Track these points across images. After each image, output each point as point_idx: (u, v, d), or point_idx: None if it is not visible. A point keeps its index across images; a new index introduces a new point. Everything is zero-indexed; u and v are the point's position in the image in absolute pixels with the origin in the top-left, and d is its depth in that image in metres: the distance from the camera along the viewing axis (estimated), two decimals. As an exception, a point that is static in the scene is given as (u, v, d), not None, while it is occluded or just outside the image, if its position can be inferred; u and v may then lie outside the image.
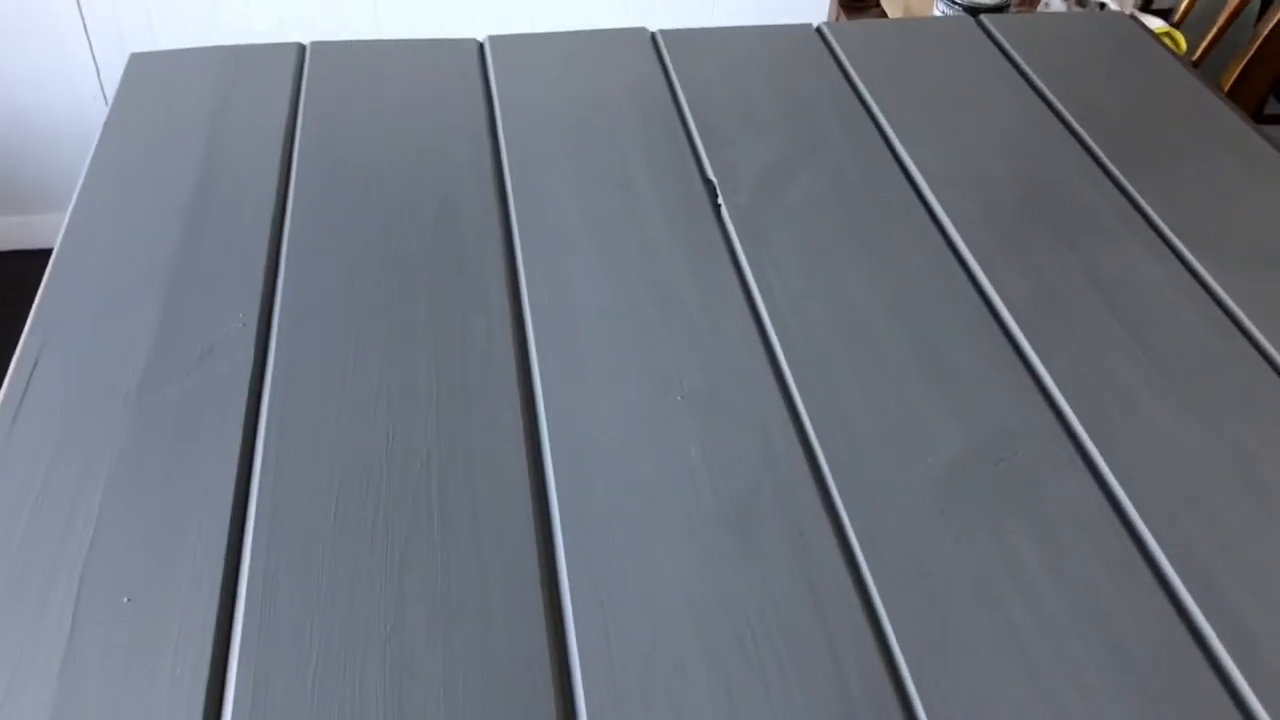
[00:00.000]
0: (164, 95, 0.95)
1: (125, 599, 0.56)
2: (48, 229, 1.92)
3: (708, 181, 0.87)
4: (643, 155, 0.89)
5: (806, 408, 0.68)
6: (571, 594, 0.57)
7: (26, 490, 0.62)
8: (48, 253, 0.77)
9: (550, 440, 0.66)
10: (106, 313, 0.73)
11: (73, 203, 0.83)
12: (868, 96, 0.98)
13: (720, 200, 0.85)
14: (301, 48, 1.01)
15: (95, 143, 0.90)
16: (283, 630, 0.55)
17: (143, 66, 0.99)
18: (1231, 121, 0.96)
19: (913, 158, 0.91)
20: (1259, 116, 1.81)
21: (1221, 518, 0.62)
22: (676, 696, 0.53)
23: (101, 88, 1.76)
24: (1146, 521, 0.62)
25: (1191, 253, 0.81)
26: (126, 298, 0.74)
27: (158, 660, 0.54)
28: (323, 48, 1.01)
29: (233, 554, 0.59)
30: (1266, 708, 0.54)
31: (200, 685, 0.53)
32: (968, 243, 0.82)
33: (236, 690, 0.53)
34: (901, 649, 0.56)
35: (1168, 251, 0.81)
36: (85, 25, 1.69)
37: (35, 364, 0.70)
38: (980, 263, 0.80)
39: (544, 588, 0.58)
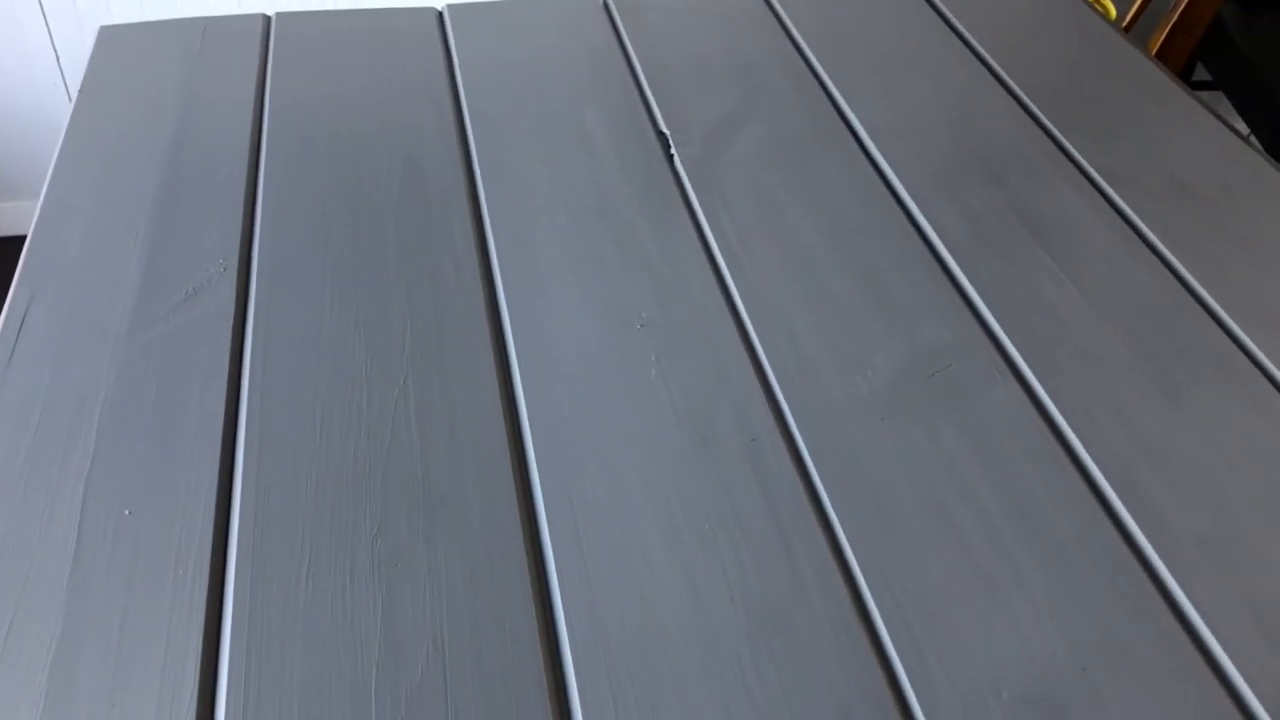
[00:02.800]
0: (135, 65, 0.98)
1: (126, 512, 0.60)
2: (13, 215, 1.93)
3: (660, 134, 0.92)
4: (598, 111, 0.94)
5: (757, 333, 0.74)
6: (543, 495, 0.62)
7: (25, 422, 0.65)
8: (10, 240, 0.81)
9: (519, 365, 0.70)
10: (91, 264, 0.77)
11: (53, 164, 0.86)
12: (810, 54, 1.03)
13: (673, 150, 0.90)
14: (267, 18, 1.05)
15: (70, 110, 0.93)
16: (276, 534, 0.60)
17: (112, 39, 1.02)
18: (1150, 71, 1.03)
19: (853, 110, 0.96)
20: (1186, 85, 1.88)
21: (1137, 417, 0.68)
22: (642, 582, 0.58)
23: (62, 75, 1.78)
24: (1070, 422, 0.68)
25: (1111, 187, 0.87)
26: (110, 250, 0.78)
27: (161, 564, 0.58)
28: (287, 18, 1.05)
29: (226, 468, 0.63)
30: (1176, 579, 0.59)
31: (202, 584, 0.57)
32: (905, 185, 0.87)
33: (236, 587, 0.57)
34: (848, 538, 0.61)
35: (1089, 187, 0.87)
36: (44, 12, 1.71)
37: (25, 313, 0.73)
38: (917, 202, 0.85)
39: (518, 490, 0.62)
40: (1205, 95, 1.91)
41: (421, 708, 0.52)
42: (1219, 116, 0.98)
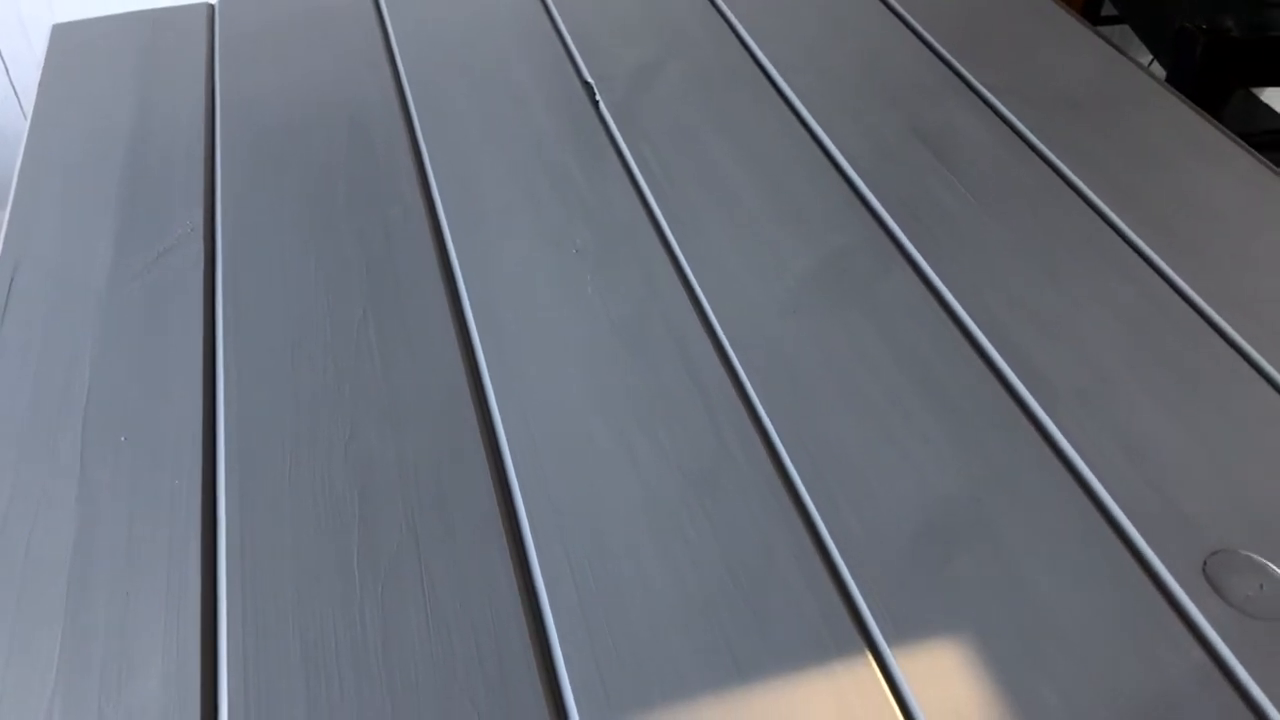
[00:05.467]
0: (91, 57, 1.05)
1: (122, 438, 0.68)
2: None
3: (586, 83, 1.00)
4: (526, 65, 1.02)
5: (681, 249, 0.81)
6: (496, 398, 0.70)
7: (24, 369, 0.72)
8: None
9: (467, 292, 0.78)
10: (68, 234, 0.84)
11: (21, 149, 0.93)
12: (722, 5, 1.11)
13: (598, 97, 0.98)
14: (211, 6, 1.12)
15: (33, 102, 0.99)
16: (259, 444, 0.67)
17: (66, 35, 1.09)
18: (1045, 4, 1.11)
19: (763, 51, 1.04)
20: (1095, 19, 1.98)
21: (1019, 292, 0.77)
22: (587, 459, 0.66)
23: (12, 85, 1.83)
24: (960, 300, 0.76)
25: (1000, 101, 0.96)
26: (84, 223, 0.85)
27: (157, 478, 0.65)
28: (230, 4, 1.11)
29: (209, 395, 0.70)
30: (1057, 424, 0.68)
31: (195, 490, 0.64)
32: (811, 113, 0.95)
33: (226, 488, 0.64)
34: (767, 412, 0.69)
35: (981, 105, 0.96)
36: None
37: (12, 278, 0.80)
38: (823, 127, 0.93)
39: (473, 396, 0.70)
40: (1113, 29, 2.00)
41: (400, 575, 0.60)
42: (1110, 42, 1.06)
